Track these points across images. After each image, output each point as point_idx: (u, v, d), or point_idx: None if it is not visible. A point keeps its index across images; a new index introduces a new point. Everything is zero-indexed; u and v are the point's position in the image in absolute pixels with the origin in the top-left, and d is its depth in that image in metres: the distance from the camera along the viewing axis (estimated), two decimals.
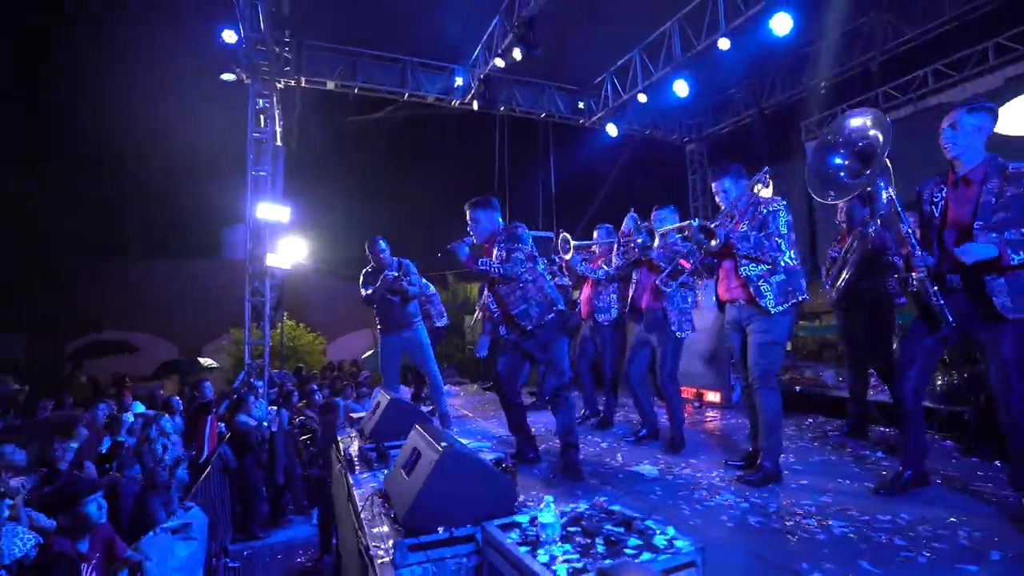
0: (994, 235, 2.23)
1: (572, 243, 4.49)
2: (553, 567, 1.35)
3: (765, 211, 2.94)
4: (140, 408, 5.93)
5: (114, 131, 15.44)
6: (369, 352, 12.72)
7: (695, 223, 3.07)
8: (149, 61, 16.65)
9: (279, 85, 8.67)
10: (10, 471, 2.85)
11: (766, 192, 3.20)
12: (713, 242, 2.84)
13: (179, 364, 13.02)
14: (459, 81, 9.57)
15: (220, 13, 7.42)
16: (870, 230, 3.06)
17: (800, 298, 2.87)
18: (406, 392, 7.28)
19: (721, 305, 3.17)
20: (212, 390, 6.68)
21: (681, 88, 7.65)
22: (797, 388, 5.08)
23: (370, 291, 4.50)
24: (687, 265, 3.50)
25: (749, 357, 2.90)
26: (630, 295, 4.00)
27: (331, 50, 9.02)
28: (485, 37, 8.58)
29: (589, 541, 1.54)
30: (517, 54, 7.06)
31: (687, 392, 5.78)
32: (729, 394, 5.31)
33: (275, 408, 6.90)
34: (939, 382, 3.97)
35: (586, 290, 4.58)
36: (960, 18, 7.17)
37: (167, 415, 5.26)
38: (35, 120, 15.42)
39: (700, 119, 11.65)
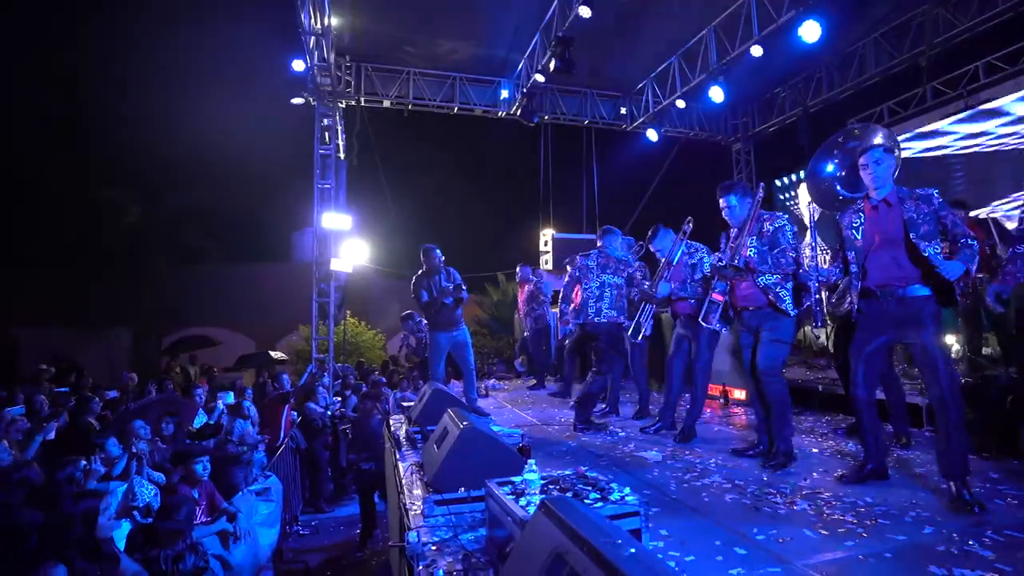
0: (926, 244, 2.54)
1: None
2: (527, 508, 1.85)
3: (772, 228, 3.29)
4: (231, 398, 6.90)
5: (198, 151, 17.27)
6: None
7: (715, 262, 3.51)
8: (231, 90, 18.54)
9: (341, 105, 9.57)
10: (138, 439, 3.68)
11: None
12: (742, 279, 3.30)
13: (255, 357, 14.39)
14: (505, 93, 10.15)
15: (291, 46, 8.37)
16: None
17: (808, 303, 3.23)
18: (456, 386, 7.91)
19: (737, 312, 3.47)
20: (290, 382, 7.61)
21: (717, 94, 7.87)
22: (819, 388, 5.29)
23: (427, 298, 5.03)
24: (719, 298, 3.55)
25: (758, 353, 3.26)
26: None
27: (386, 71, 9.83)
28: (528, 52, 9.09)
29: (560, 495, 2.03)
30: (552, 67, 7.52)
31: (714, 390, 6.06)
32: None
33: (339, 398, 7.73)
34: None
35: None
36: (1014, 8, 6.96)
37: (247, 403, 6.17)
38: (135, 145, 17.50)
39: (746, 119, 11.65)
